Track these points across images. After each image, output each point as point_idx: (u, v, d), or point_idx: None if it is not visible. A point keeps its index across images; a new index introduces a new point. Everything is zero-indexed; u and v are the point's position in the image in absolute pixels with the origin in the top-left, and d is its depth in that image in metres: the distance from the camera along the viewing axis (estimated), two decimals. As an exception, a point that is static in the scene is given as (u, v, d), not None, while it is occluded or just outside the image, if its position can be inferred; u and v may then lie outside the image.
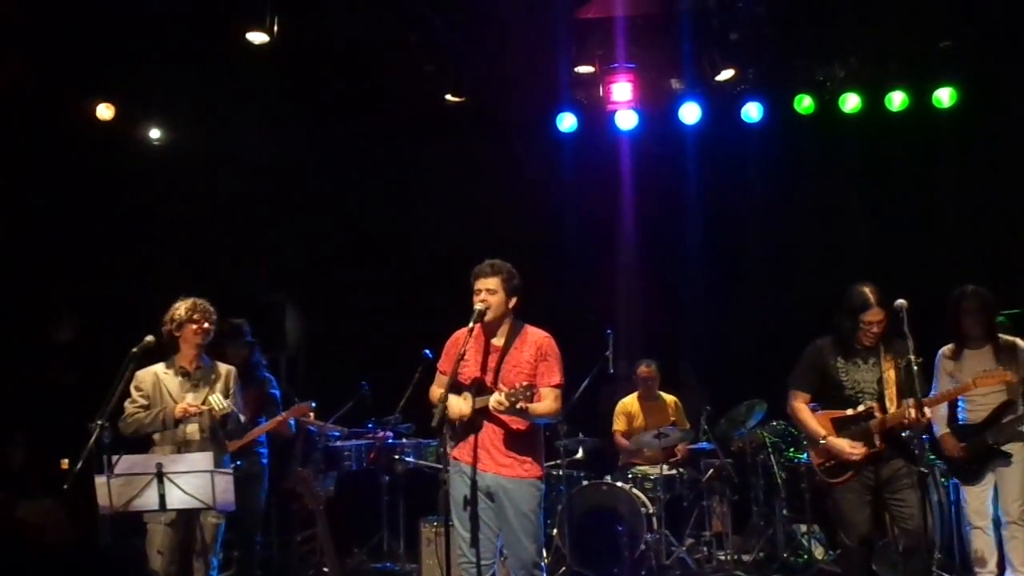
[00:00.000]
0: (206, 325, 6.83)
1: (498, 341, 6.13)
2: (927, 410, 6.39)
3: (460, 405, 6.07)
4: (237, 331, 8.13)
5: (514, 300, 6.14)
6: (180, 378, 6.82)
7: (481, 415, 6.01)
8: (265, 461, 8.01)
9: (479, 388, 6.04)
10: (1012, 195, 10.10)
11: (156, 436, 6.75)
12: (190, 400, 6.74)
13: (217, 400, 6.69)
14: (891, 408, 6.42)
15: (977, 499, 7.26)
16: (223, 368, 7.00)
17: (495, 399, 5.84)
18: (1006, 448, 7.15)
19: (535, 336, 6.13)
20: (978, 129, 10.21)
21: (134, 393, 6.73)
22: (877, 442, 6.43)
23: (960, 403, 7.39)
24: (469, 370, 6.09)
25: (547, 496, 8.69)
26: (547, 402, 6.01)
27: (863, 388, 6.53)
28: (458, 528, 5.97)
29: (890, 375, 6.47)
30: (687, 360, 10.73)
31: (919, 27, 9.60)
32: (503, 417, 5.97)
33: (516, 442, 6.04)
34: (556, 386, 6.05)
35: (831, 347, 6.63)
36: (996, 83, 10.08)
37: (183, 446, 6.66)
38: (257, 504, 7.92)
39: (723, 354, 10.80)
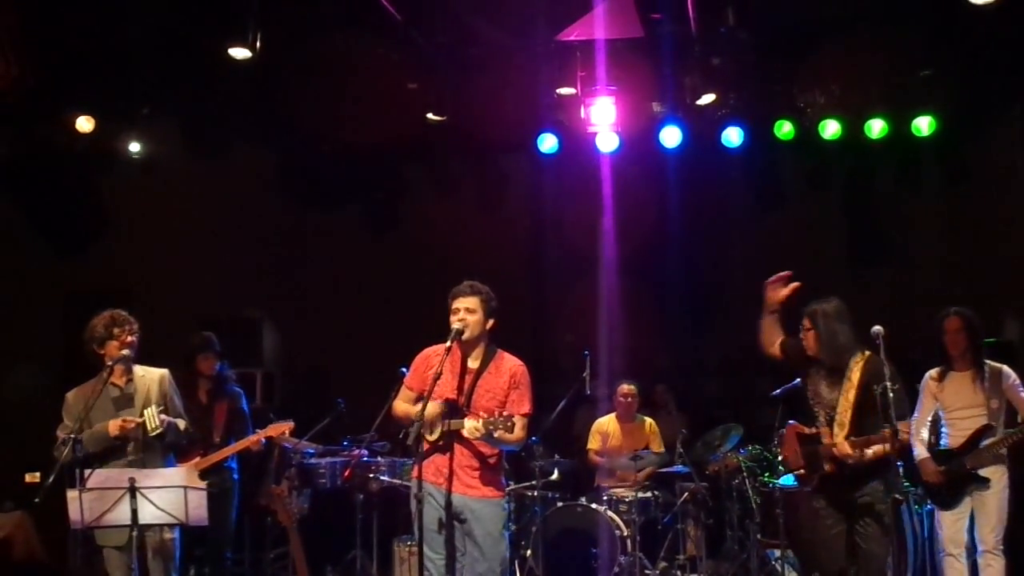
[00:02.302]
0: (128, 338, 6.49)
1: (473, 363, 6.15)
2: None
3: (410, 410, 6.06)
4: (207, 344, 8.09)
5: (491, 322, 6.16)
6: (112, 395, 6.51)
7: (452, 436, 6.02)
8: (236, 477, 7.95)
9: (452, 410, 6.04)
10: (989, 223, 10.17)
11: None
12: (125, 415, 6.42)
13: (151, 417, 6.40)
14: (840, 433, 6.34)
15: (952, 526, 7.25)
16: (155, 374, 6.66)
17: (472, 425, 5.86)
18: (983, 473, 7.14)
19: (510, 363, 6.17)
20: (956, 157, 10.29)
21: (65, 418, 6.45)
22: (827, 467, 6.42)
23: (942, 428, 7.41)
24: (443, 390, 6.08)
25: (522, 517, 8.74)
26: (516, 431, 6.00)
27: (824, 406, 6.45)
28: (426, 551, 5.95)
29: (849, 398, 6.36)
30: (664, 383, 10.75)
31: (899, 56, 9.67)
32: (475, 441, 5.99)
33: (484, 465, 6.09)
34: (525, 415, 6.09)
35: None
36: (974, 112, 10.16)
37: (128, 466, 6.34)
38: (227, 520, 7.88)
39: (700, 377, 10.81)
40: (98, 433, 6.37)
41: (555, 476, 9.11)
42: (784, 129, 10.31)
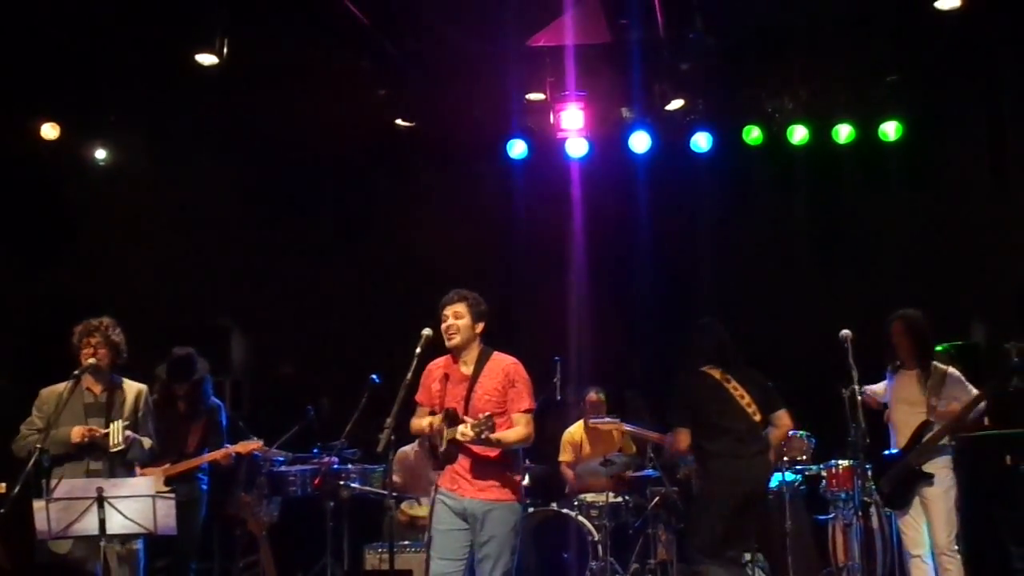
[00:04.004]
0: (92, 349, 6.48)
1: (467, 369, 6.17)
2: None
3: (421, 424, 6.17)
4: (189, 360, 8.02)
5: (481, 325, 6.20)
6: (87, 401, 6.50)
7: (455, 445, 6.03)
8: (205, 487, 7.89)
9: (452, 418, 6.05)
10: (955, 227, 10.24)
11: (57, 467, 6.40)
12: (93, 424, 6.40)
13: (115, 433, 6.37)
14: None
15: (911, 528, 7.34)
16: (132, 388, 6.65)
17: (460, 430, 5.88)
18: (928, 468, 7.22)
19: (503, 363, 6.18)
20: (922, 162, 10.36)
21: (34, 413, 6.45)
22: None
23: (890, 428, 7.51)
24: (444, 400, 6.14)
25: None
26: (519, 428, 6.07)
27: None
28: (433, 553, 6.08)
29: None
30: (634, 388, 10.74)
31: (866, 62, 9.75)
32: (478, 447, 5.99)
33: (492, 467, 6.07)
34: (526, 411, 6.12)
35: None
36: (940, 118, 10.25)
37: (87, 474, 6.32)
38: (194, 530, 7.82)
39: (671, 382, 10.81)
40: (62, 435, 6.34)
41: (526, 481, 9.08)
42: (752, 134, 10.36)
